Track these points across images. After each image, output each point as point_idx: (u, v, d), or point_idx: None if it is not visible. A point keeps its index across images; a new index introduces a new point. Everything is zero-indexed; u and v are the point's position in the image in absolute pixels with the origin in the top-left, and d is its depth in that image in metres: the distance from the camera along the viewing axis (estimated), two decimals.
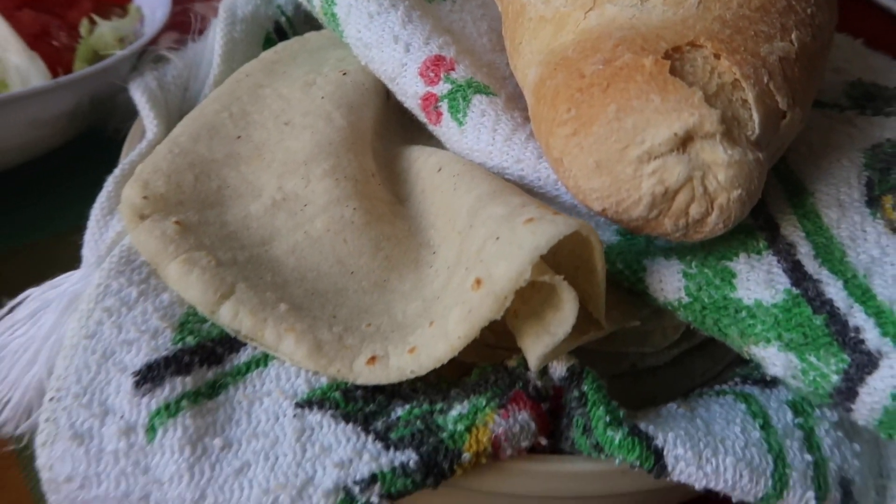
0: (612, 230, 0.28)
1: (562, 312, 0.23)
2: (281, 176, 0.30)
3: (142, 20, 0.48)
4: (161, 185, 0.29)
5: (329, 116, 0.32)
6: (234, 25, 0.42)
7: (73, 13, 0.47)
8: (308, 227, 0.28)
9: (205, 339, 0.24)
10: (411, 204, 0.31)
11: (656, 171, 0.21)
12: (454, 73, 0.31)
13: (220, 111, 0.34)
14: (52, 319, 0.25)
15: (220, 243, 0.27)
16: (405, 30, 0.33)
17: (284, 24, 0.45)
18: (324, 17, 0.36)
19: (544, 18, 0.26)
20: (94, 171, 0.44)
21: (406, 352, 0.24)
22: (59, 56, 0.42)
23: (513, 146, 0.29)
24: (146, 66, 0.41)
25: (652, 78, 0.20)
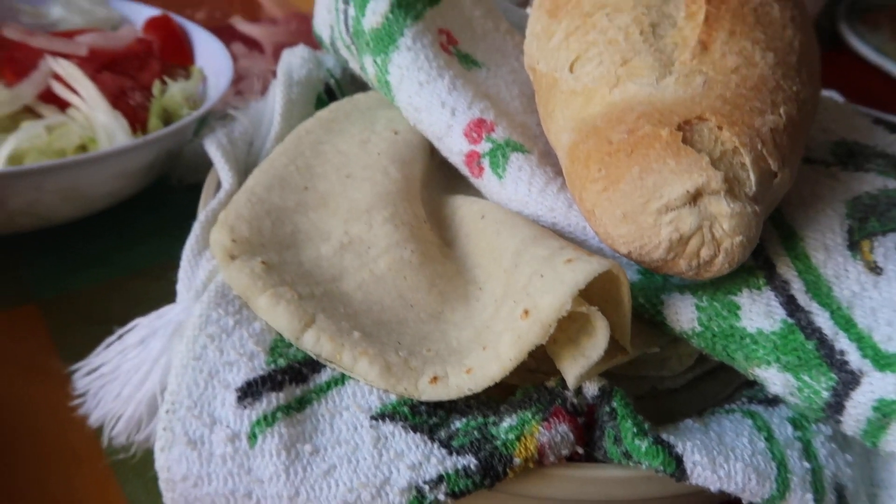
0: (633, 269, 0.33)
1: (595, 339, 0.27)
2: (346, 222, 0.35)
3: (204, 81, 0.54)
4: (245, 230, 0.34)
5: (385, 170, 0.37)
6: (291, 87, 0.48)
7: (144, 75, 0.53)
8: (372, 266, 0.33)
9: (292, 361, 0.29)
10: (457, 246, 0.36)
11: (672, 220, 0.25)
12: (494, 133, 0.37)
13: (288, 164, 0.39)
14: (160, 344, 0.30)
15: (299, 280, 0.32)
16: (451, 96, 0.38)
17: (333, 85, 0.51)
18: (377, 84, 0.42)
19: (575, 92, 0.31)
20: (162, 214, 0.49)
21: (463, 372, 0.28)
22: (135, 114, 0.48)
23: (546, 197, 0.34)
24: (215, 123, 0.46)
25: (668, 146, 0.25)
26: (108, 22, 0.58)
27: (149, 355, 0.30)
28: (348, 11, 0.43)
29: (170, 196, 0.51)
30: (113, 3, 0.59)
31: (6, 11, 0.56)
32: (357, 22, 0.42)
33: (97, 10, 0.58)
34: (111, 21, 0.58)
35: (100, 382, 0.30)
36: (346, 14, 0.43)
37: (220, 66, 0.53)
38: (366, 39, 0.41)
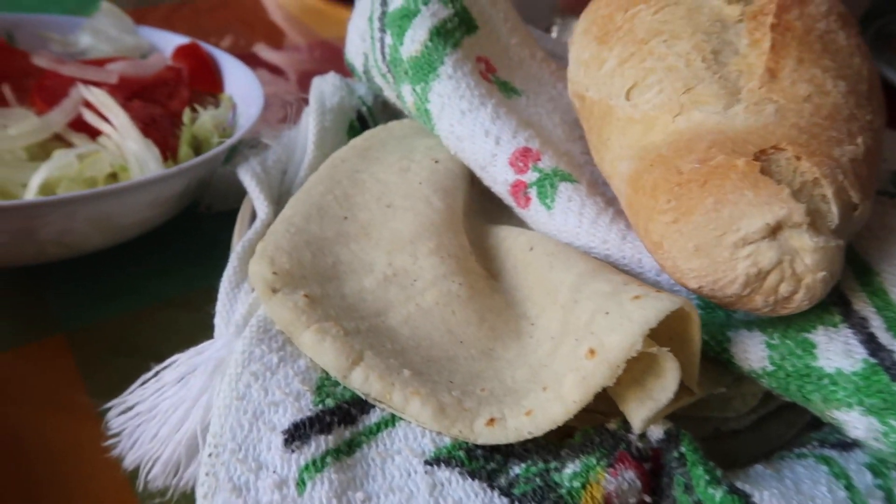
0: (693, 303, 0.31)
1: (664, 380, 0.26)
2: (390, 253, 0.34)
3: (234, 108, 0.53)
4: (286, 262, 0.33)
5: (428, 200, 0.36)
6: (324, 115, 0.47)
7: (174, 103, 0.52)
8: (419, 299, 0.32)
9: (340, 401, 0.27)
10: (504, 278, 0.34)
11: (750, 255, 0.24)
12: (541, 162, 0.35)
13: (325, 193, 0.38)
14: (200, 382, 0.28)
15: (344, 314, 0.31)
16: (494, 125, 0.37)
17: (365, 113, 0.50)
18: (415, 113, 0.41)
19: (633, 119, 0.30)
20: (192, 242, 0.48)
21: (523, 414, 0.26)
22: (166, 142, 0.47)
23: (599, 228, 0.33)
24: (247, 151, 0.45)
25: (745, 176, 0.24)
26: (137, 50, 0.57)
27: (188, 394, 0.28)
28: (385, 40, 0.43)
29: (199, 223, 0.50)
30: (141, 32, 0.59)
31: (35, 40, 0.56)
32: (394, 50, 0.41)
33: (126, 38, 0.58)
34: (140, 49, 0.58)
35: (135, 422, 0.29)
36: (383, 42, 0.43)
37: (249, 93, 0.53)
38: (404, 68, 0.40)
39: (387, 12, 0.43)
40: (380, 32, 0.43)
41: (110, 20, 0.58)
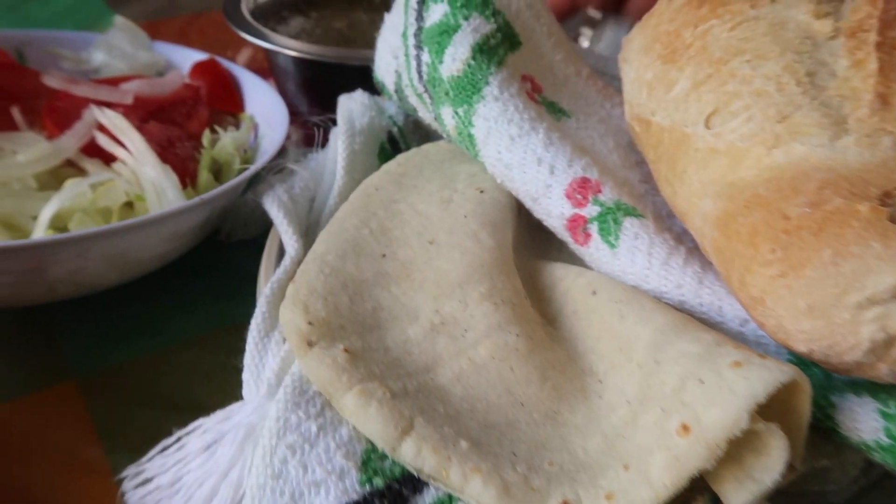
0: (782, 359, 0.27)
1: (767, 458, 0.22)
2: (436, 298, 0.30)
3: (255, 128, 0.50)
4: (321, 309, 0.29)
5: (476, 236, 0.33)
6: (354, 137, 0.44)
7: (192, 123, 0.49)
8: (471, 353, 0.28)
9: (390, 479, 0.24)
10: (563, 325, 0.31)
11: (878, 317, 0.21)
12: (601, 195, 0.32)
13: (360, 227, 0.35)
14: (229, 453, 0.25)
15: (388, 371, 0.27)
16: (548, 152, 0.33)
17: (396, 133, 0.47)
18: (456, 137, 0.38)
19: (715, 150, 0.26)
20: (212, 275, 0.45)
21: (602, 498, 0.23)
22: (184, 166, 0.44)
23: (671, 270, 0.29)
24: (272, 177, 0.42)
25: (870, 224, 0.21)
26: (153, 67, 0.55)
27: (215, 466, 0.25)
28: (422, 57, 0.39)
29: (219, 253, 0.47)
30: (157, 47, 0.56)
31: (47, 58, 0.53)
32: (433, 69, 0.38)
33: (141, 54, 0.55)
34: (156, 66, 0.55)
35: (155, 497, 0.26)
36: (419, 60, 0.39)
37: (271, 112, 0.49)
38: (444, 89, 0.37)
39: (423, 28, 0.40)
40: (416, 49, 0.40)
41: (124, 35, 0.55)
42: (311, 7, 0.67)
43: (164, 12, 0.82)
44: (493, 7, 0.40)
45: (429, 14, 0.40)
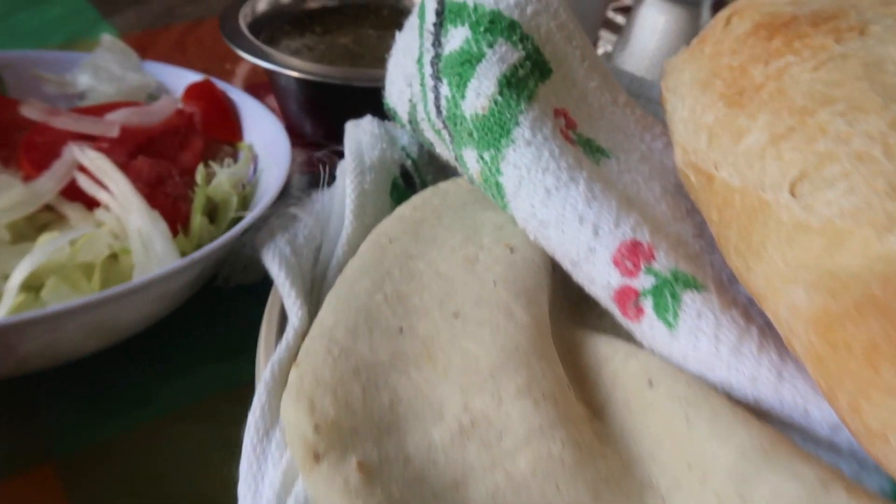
0: (882, 477, 0.23)
1: None
2: (464, 391, 0.26)
3: (255, 160, 0.46)
4: (329, 406, 0.25)
5: (509, 310, 0.28)
6: (364, 175, 0.39)
7: (185, 155, 0.45)
8: (508, 465, 0.24)
9: None
10: (612, 419, 0.26)
11: None
12: (655, 262, 0.27)
13: (373, 291, 0.30)
14: None
15: (410, 491, 0.23)
16: (590, 209, 0.29)
17: (410, 167, 0.42)
18: (481, 183, 0.33)
19: (806, 227, 0.22)
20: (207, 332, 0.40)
21: None
22: (176, 209, 0.40)
23: (743, 360, 0.25)
24: (273, 222, 0.37)
25: None
26: (143, 90, 0.50)
27: None
28: (440, 90, 0.34)
29: (213, 304, 0.42)
30: (147, 67, 0.52)
31: (28, 81, 0.49)
32: (454, 105, 0.33)
33: (130, 76, 0.50)
34: (146, 88, 0.50)
35: None
36: (438, 93, 0.35)
37: (272, 142, 0.45)
38: (468, 129, 0.32)
39: (441, 55, 0.35)
40: (433, 80, 0.35)
41: (112, 56, 0.51)
42: (314, 21, 0.62)
43: (161, 20, 0.77)
44: (521, 31, 0.35)
45: (448, 40, 0.35)
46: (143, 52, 0.72)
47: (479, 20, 0.35)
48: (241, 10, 0.57)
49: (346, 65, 0.56)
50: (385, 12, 0.65)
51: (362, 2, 0.65)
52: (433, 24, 0.37)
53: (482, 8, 0.35)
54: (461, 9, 0.36)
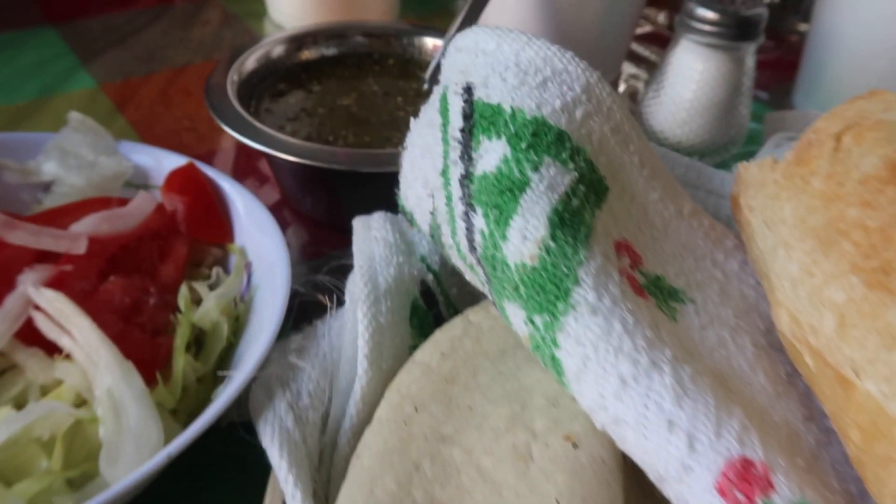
0: None
1: None
2: None
3: (248, 268, 0.39)
4: None
5: None
6: (379, 304, 0.32)
7: (166, 268, 0.38)
8: None
9: None
10: None
11: None
12: (776, 495, 0.21)
13: (400, 496, 0.24)
14: None
15: None
16: (682, 409, 0.22)
17: (431, 282, 0.36)
18: (533, 351, 0.26)
19: None
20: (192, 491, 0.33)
21: None
22: (154, 349, 0.33)
23: None
24: (269, 377, 0.31)
25: None
26: (118, 178, 0.43)
27: None
28: (473, 220, 0.28)
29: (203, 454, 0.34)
30: (123, 149, 0.45)
31: None
32: (491, 244, 0.27)
33: (103, 162, 0.43)
34: (121, 176, 0.43)
35: None
36: (470, 223, 0.28)
37: (268, 248, 0.38)
38: (512, 281, 0.26)
39: (473, 175, 0.28)
40: (464, 205, 0.28)
41: (82, 137, 0.44)
42: (311, 75, 0.55)
43: (142, 65, 0.70)
44: (572, 144, 0.28)
45: (480, 154, 0.29)
46: (123, 105, 0.65)
47: (520, 132, 0.28)
48: (229, 72, 0.50)
49: (350, 131, 0.49)
50: (390, 62, 0.58)
51: (364, 50, 0.59)
52: (460, 129, 0.30)
53: (522, 115, 0.28)
54: (495, 115, 0.29)
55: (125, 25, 0.78)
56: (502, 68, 0.30)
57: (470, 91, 0.31)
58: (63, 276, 0.34)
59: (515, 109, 0.29)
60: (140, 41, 0.75)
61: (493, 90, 0.30)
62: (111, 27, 0.77)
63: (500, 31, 0.32)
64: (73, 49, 0.72)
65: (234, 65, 0.51)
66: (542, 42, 0.31)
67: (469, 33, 0.33)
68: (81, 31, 0.76)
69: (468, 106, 0.30)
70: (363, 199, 0.48)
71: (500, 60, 0.31)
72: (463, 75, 0.32)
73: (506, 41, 0.31)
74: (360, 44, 0.58)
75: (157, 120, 0.62)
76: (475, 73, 0.31)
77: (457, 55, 0.33)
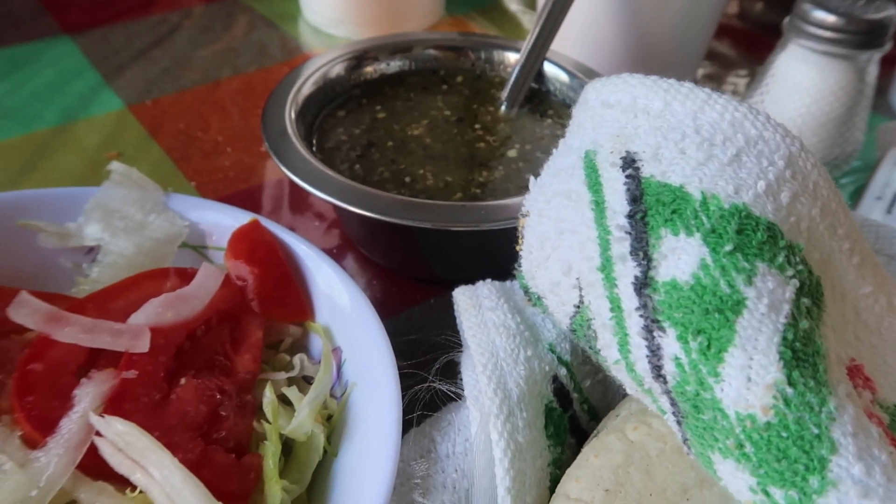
0: None
1: None
2: None
3: (336, 354, 0.33)
4: None
5: None
6: (515, 420, 0.27)
7: (242, 360, 0.32)
8: None
9: None
10: None
11: None
12: None
13: None
14: None
15: None
16: None
17: (565, 378, 0.30)
18: None
19: None
20: None
21: None
22: (242, 479, 0.27)
23: None
24: None
25: None
26: (172, 241, 0.37)
27: None
28: (660, 341, 0.22)
29: None
30: (173, 204, 0.39)
31: (16, 234, 0.36)
32: (695, 380, 0.21)
33: (153, 222, 0.37)
34: (175, 238, 0.37)
35: None
36: (655, 344, 0.22)
37: (358, 324, 0.32)
38: (733, 436, 0.20)
39: (656, 281, 0.22)
40: (644, 319, 0.22)
41: (127, 193, 0.38)
42: (371, 98, 0.48)
43: (170, 80, 0.63)
44: (785, 241, 0.22)
45: (663, 254, 0.22)
46: (156, 131, 0.59)
47: (719, 228, 0.22)
48: (287, 101, 0.44)
49: (427, 170, 0.43)
50: (458, 79, 0.51)
51: (429, 66, 0.52)
52: (627, 216, 0.24)
53: (717, 203, 0.22)
54: (679, 201, 0.23)
55: (147, 34, 0.71)
56: (678, 136, 0.24)
57: (634, 164, 0.24)
58: (127, 386, 0.29)
59: (707, 195, 0.22)
60: (166, 52, 0.68)
61: (671, 166, 0.23)
62: (132, 36, 0.70)
63: (664, 83, 0.26)
64: (94, 64, 0.65)
65: (290, 94, 0.44)
66: (725, 99, 0.24)
67: (620, 84, 0.27)
68: (100, 41, 0.69)
69: (635, 184, 0.24)
70: (450, 253, 0.42)
71: (673, 125, 0.24)
72: (619, 141, 0.25)
73: (676, 98, 0.25)
74: (426, 58, 0.51)
75: (195, 146, 0.55)
76: (638, 139, 0.25)
77: (605, 112, 0.27)
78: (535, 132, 0.47)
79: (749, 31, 0.79)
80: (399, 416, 0.27)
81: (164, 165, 0.54)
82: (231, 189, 0.51)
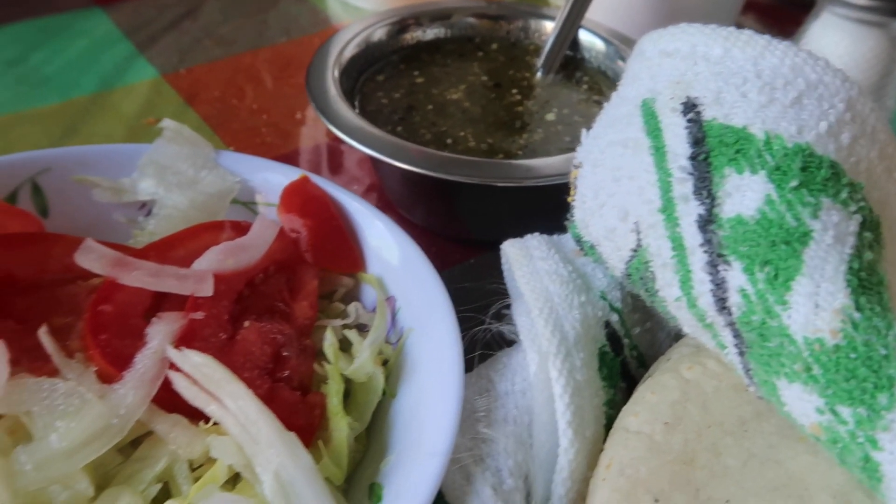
0: None
1: None
2: None
3: (391, 304, 0.34)
4: None
5: None
6: (573, 359, 0.28)
7: (299, 307, 0.33)
8: None
9: None
10: None
11: None
12: None
13: None
14: None
15: None
16: None
17: (616, 324, 0.31)
18: (827, 445, 0.21)
19: None
20: None
21: None
22: (308, 415, 0.28)
23: None
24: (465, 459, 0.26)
25: None
26: (224, 196, 0.38)
27: None
28: (725, 275, 0.23)
29: None
30: (223, 161, 0.39)
31: (72, 189, 0.37)
32: (762, 309, 0.22)
33: (205, 178, 0.38)
34: (227, 193, 0.38)
35: None
36: (719, 277, 0.23)
37: (410, 274, 0.33)
38: (801, 360, 0.21)
39: (720, 217, 0.23)
40: (707, 254, 0.23)
41: (178, 150, 0.39)
42: (410, 63, 0.49)
43: (205, 51, 0.64)
44: (847, 179, 0.23)
45: (727, 191, 0.23)
46: (193, 99, 0.60)
47: (784, 166, 0.23)
48: (330, 63, 0.45)
49: (468, 132, 0.43)
50: (493, 46, 0.52)
51: (466, 34, 0.52)
52: (690, 157, 0.25)
53: (780, 142, 0.23)
54: (742, 141, 0.23)
55: (177, 5, 0.72)
56: (739, 81, 0.25)
57: (695, 108, 0.25)
58: (195, 326, 0.30)
59: (770, 135, 0.23)
60: (197, 23, 0.68)
61: (733, 109, 0.24)
62: (163, 7, 0.71)
63: (723, 31, 0.26)
64: (126, 34, 0.66)
65: (334, 56, 0.45)
66: (785, 45, 0.25)
67: (678, 33, 0.27)
68: (131, 12, 0.70)
69: (696, 127, 0.25)
70: (491, 212, 0.43)
71: (734, 70, 0.25)
72: (679, 87, 0.26)
73: (736, 45, 0.26)
74: (463, 26, 0.52)
75: (233, 115, 0.56)
76: (698, 85, 0.26)
77: (663, 61, 0.27)
78: (571, 97, 0.47)
79: (774, 7, 0.79)
80: (461, 355, 0.28)
81: (203, 132, 0.54)
82: (269, 154, 0.52)
